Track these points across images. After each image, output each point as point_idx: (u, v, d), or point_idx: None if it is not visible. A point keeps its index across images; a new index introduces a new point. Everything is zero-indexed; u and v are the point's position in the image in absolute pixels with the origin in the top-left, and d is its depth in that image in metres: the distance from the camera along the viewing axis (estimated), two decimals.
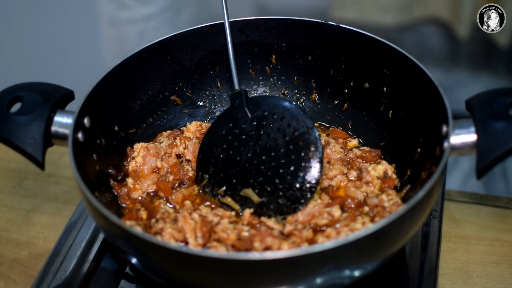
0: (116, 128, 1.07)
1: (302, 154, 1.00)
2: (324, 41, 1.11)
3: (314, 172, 0.99)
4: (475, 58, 2.41)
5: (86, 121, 0.97)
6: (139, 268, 0.90)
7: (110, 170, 1.03)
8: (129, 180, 1.04)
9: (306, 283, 0.81)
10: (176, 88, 1.15)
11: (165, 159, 1.08)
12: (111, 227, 0.83)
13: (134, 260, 0.87)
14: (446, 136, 0.89)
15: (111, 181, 1.03)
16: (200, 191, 1.05)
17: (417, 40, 2.46)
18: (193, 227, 0.94)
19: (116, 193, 1.03)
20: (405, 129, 1.05)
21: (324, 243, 0.78)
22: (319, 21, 1.10)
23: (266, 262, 0.76)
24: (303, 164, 1.00)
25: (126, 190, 1.04)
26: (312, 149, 1.00)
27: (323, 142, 1.09)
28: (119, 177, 1.04)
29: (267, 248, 0.90)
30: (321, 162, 1.00)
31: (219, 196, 1.03)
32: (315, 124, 1.10)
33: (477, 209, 1.18)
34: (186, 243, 0.93)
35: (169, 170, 1.07)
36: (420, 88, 0.99)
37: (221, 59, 1.15)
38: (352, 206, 1.00)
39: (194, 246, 0.92)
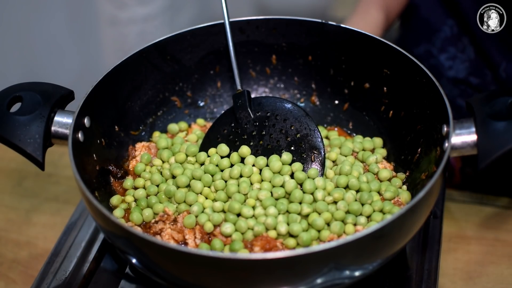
0: (116, 128, 1.07)
1: (304, 156, 1.00)
2: (324, 41, 1.11)
3: None
4: None
5: (86, 121, 0.97)
6: (139, 269, 0.90)
7: (110, 167, 1.03)
8: (130, 179, 1.04)
9: (306, 283, 0.81)
10: (176, 88, 1.15)
11: None
12: (111, 227, 0.83)
13: (134, 260, 0.87)
14: (446, 136, 0.89)
15: (111, 178, 1.03)
16: None
17: None
18: (192, 227, 0.94)
19: (116, 192, 1.03)
20: (405, 129, 1.05)
21: (324, 243, 0.78)
22: (319, 21, 1.09)
23: (266, 262, 0.76)
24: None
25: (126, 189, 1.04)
26: (315, 151, 1.00)
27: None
28: (119, 174, 1.04)
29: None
30: (323, 164, 1.00)
31: None
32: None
33: (477, 209, 1.18)
34: (186, 243, 0.93)
35: None
36: (421, 88, 0.98)
37: (221, 59, 1.14)
38: None
39: (193, 247, 0.92)
